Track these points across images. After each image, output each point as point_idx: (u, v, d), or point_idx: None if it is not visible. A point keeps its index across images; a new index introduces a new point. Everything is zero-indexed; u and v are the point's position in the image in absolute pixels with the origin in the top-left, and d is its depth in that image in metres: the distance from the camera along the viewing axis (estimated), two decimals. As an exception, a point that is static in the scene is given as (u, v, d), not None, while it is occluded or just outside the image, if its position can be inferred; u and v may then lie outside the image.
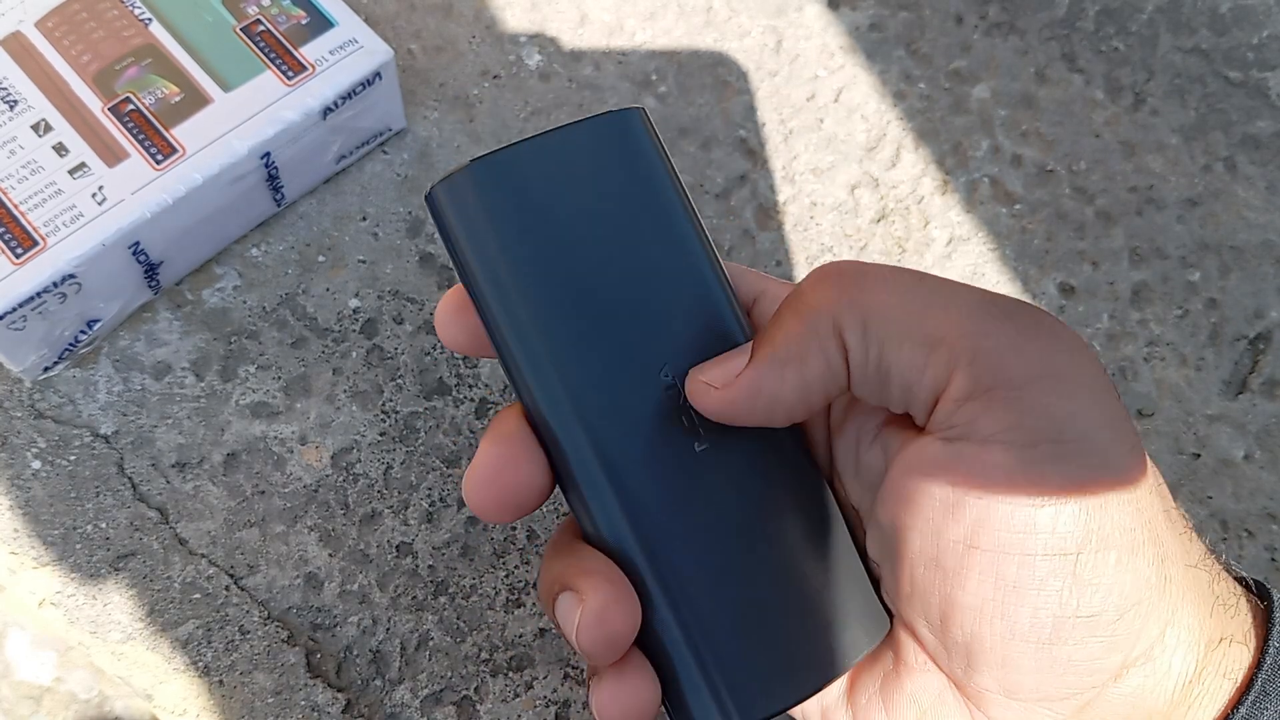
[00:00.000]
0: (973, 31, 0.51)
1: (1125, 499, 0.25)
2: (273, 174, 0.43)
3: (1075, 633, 0.25)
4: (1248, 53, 0.51)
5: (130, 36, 0.43)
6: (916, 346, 0.26)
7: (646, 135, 0.30)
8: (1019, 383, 0.25)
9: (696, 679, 0.27)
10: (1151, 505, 0.25)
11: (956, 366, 0.25)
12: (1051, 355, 0.25)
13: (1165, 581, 0.25)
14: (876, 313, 0.26)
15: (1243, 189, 0.48)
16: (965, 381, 0.25)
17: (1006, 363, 0.25)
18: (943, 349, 0.25)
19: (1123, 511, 0.25)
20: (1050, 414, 0.25)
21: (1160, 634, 0.25)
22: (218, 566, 0.40)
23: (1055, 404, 0.25)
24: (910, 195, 0.48)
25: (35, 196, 0.39)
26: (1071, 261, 0.47)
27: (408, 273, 0.44)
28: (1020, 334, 0.25)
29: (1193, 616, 0.26)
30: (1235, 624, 0.27)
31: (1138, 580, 0.25)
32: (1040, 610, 0.25)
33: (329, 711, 0.38)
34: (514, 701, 0.38)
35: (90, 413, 0.41)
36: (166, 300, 0.43)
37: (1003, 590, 0.25)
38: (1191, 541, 0.27)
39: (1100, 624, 0.25)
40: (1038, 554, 0.25)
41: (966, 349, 0.25)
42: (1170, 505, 0.26)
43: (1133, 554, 0.25)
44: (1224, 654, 0.26)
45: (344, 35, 0.43)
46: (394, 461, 0.41)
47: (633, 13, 0.50)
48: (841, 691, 0.31)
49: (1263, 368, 0.45)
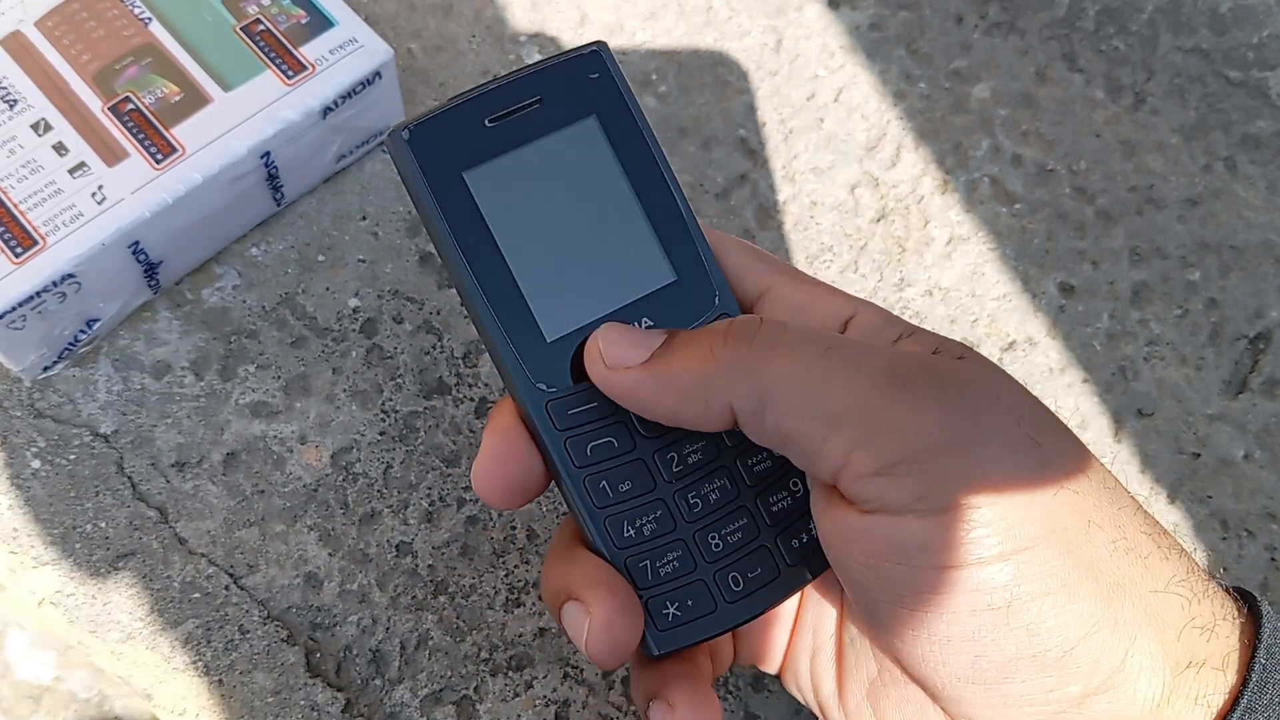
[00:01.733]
0: (973, 31, 0.51)
1: (1053, 546, 0.25)
2: (272, 173, 0.43)
3: (1022, 671, 0.26)
4: (1248, 52, 0.51)
5: (130, 36, 0.43)
6: (817, 424, 0.26)
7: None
8: (921, 455, 0.25)
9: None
10: (1091, 542, 0.25)
11: (857, 445, 0.26)
12: (955, 420, 0.26)
13: (1116, 613, 0.25)
14: (776, 387, 0.26)
15: (1243, 189, 0.48)
16: (868, 459, 0.26)
17: (907, 437, 0.25)
18: (844, 428, 0.26)
19: (1052, 557, 0.25)
20: (958, 480, 0.25)
21: (1120, 662, 0.25)
22: (217, 566, 0.40)
23: (962, 470, 0.25)
24: (910, 195, 0.48)
25: (35, 196, 0.39)
26: (1071, 261, 0.47)
27: (408, 272, 0.44)
28: (920, 403, 0.26)
29: (1154, 642, 0.26)
30: (1212, 647, 0.26)
31: (1080, 618, 0.25)
32: (980, 657, 0.26)
33: (329, 711, 0.38)
34: (514, 701, 0.38)
35: (90, 412, 0.41)
36: (166, 300, 0.43)
37: (937, 644, 0.26)
38: (1163, 563, 0.26)
39: (1047, 661, 0.25)
40: (964, 611, 0.25)
41: (867, 428, 0.26)
42: (1123, 535, 0.26)
43: (1070, 595, 0.25)
44: (1195, 678, 0.26)
45: (344, 35, 0.43)
46: (394, 461, 0.41)
47: (633, 12, 0.50)
48: (833, 690, 0.32)
49: (1263, 367, 0.45)
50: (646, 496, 0.30)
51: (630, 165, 0.30)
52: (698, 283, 0.30)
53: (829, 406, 0.26)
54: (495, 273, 0.29)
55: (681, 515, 0.30)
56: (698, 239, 0.30)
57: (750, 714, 0.39)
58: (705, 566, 0.30)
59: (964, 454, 0.25)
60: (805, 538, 0.30)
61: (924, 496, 0.25)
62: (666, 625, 0.29)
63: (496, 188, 0.29)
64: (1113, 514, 0.26)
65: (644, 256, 0.30)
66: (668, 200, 0.30)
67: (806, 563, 0.30)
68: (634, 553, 0.29)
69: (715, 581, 0.30)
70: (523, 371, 0.29)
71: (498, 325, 0.29)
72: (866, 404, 0.26)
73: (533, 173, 0.30)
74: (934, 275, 0.46)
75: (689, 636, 0.30)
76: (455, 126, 0.29)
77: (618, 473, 0.29)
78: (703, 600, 0.30)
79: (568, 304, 0.30)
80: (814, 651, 0.33)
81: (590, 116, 0.30)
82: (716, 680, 0.39)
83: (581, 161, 0.30)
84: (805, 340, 0.27)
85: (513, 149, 0.30)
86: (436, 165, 0.29)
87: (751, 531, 0.30)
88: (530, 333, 0.29)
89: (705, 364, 0.27)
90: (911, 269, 0.46)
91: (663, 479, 0.30)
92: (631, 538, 0.29)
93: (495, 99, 0.30)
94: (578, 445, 0.29)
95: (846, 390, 0.26)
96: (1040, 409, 0.27)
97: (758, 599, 0.30)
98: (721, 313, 0.30)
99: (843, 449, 0.26)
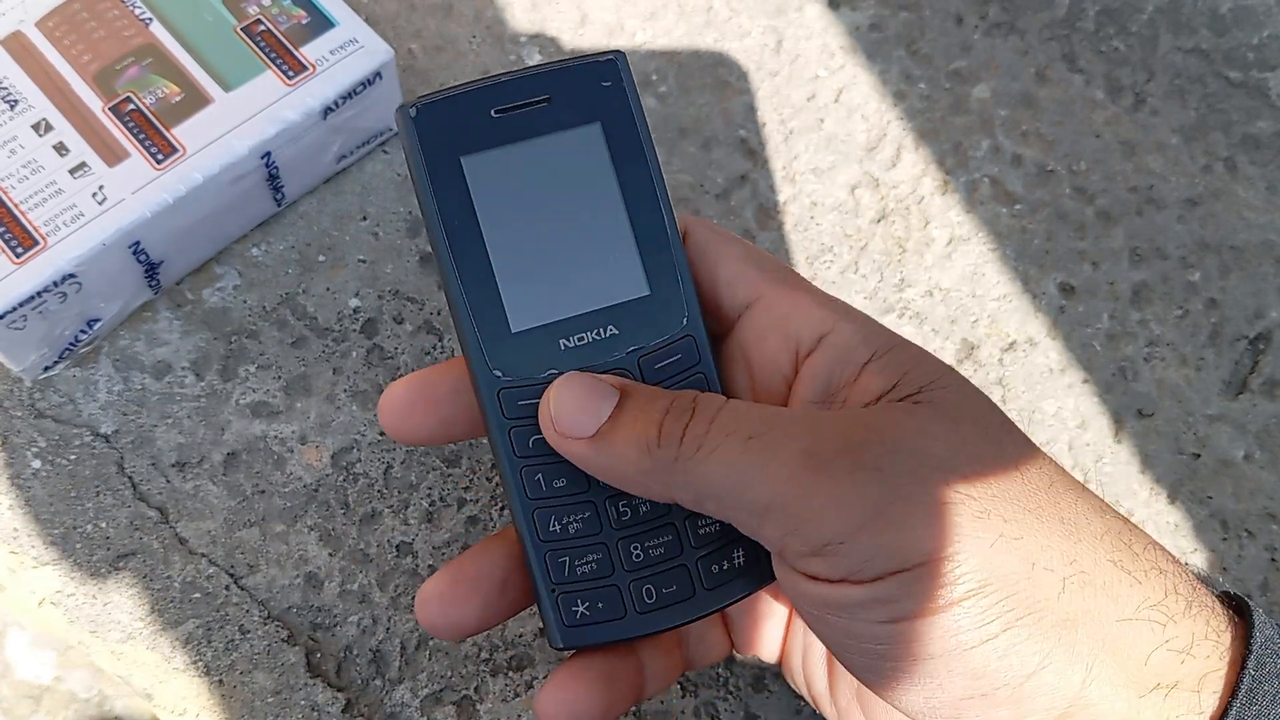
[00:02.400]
0: (973, 32, 0.51)
1: (991, 594, 0.25)
2: (273, 173, 0.43)
3: (975, 708, 0.26)
4: (1248, 53, 0.51)
5: (131, 36, 0.43)
6: (748, 515, 0.27)
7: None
8: (845, 536, 0.26)
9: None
10: (1035, 584, 0.26)
11: (786, 532, 0.27)
12: (873, 498, 0.26)
13: (1068, 646, 0.26)
14: (706, 485, 0.28)
15: (1243, 189, 0.48)
16: (799, 544, 0.27)
17: (829, 522, 0.26)
18: (771, 517, 0.27)
19: (990, 606, 0.25)
20: (887, 550, 0.26)
21: (1078, 691, 0.26)
22: (218, 566, 0.40)
23: (889, 540, 0.26)
24: (910, 195, 0.48)
25: (35, 196, 0.39)
26: (1072, 261, 0.47)
27: (408, 272, 0.44)
28: (838, 485, 0.26)
29: (1114, 669, 0.26)
30: (1186, 669, 0.26)
31: (1025, 657, 0.25)
32: (931, 699, 0.26)
33: (329, 711, 0.38)
34: (514, 701, 0.38)
35: (90, 412, 0.41)
36: (167, 300, 0.43)
37: (889, 682, 0.27)
38: (1130, 589, 0.26)
39: (1000, 699, 0.26)
40: (905, 660, 0.26)
41: (790, 518, 0.26)
42: (1079, 570, 0.26)
43: (1013, 637, 0.25)
44: (1163, 700, 0.26)
45: (344, 35, 0.43)
46: (394, 461, 0.41)
47: (633, 13, 0.50)
48: (825, 688, 0.33)
49: (1263, 368, 0.45)
50: (578, 497, 0.30)
51: (626, 177, 0.31)
52: (669, 301, 0.31)
53: (755, 499, 0.27)
54: (474, 257, 0.30)
55: (609, 521, 0.30)
56: (678, 260, 0.31)
57: (750, 714, 0.39)
58: (623, 574, 0.30)
59: (888, 527, 0.26)
60: (726, 565, 0.31)
61: (857, 570, 0.26)
62: (574, 622, 0.30)
63: (491, 176, 0.30)
64: (1065, 549, 0.26)
65: (622, 267, 0.31)
66: (656, 217, 0.31)
67: (724, 589, 0.31)
68: (555, 548, 0.30)
69: (629, 590, 0.30)
70: (482, 356, 0.30)
71: (466, 307, 0.30)
72: (787, 494, 0.27)
73: (529, 168, 0.30)
74: (934, 276, 0.46)
75: (593, 637, 0.30)
76: (462, 111, 0.30)
77: (555, 469, 0.30)
78: (614, 605, 0.30)
79: (538, 299, 0.30)
80: (805, 650, 0.34)
81: (595, 123, 0.31)
82: (716, 675, 0.39)
83: (578, 165, 0.31)
84: (728, 432, 0.28)
85: (514, 142, 0.30)
86: (436, 145, 0.30)
87: (674, 549, 0.31)
88: (496, 320, 0.30)
89: (643, 457, 0.28)
90: (912, 269, 0.46)
91: (597, 483, 0.30)
92: (556, 533, 0.30)
93: (505, 91, 0.30)
94: (521, 436, 0.30)
95: (767, 484, 0.27)
96: (985, 454, 0.27)
97: (667, 615, 0.31)
98: (687, 334, 0.31)
99: (776, 534, 0.27)
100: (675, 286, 0.31)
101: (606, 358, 0.30)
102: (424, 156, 0.30)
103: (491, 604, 0.32)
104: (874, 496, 0.26)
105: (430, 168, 0.30)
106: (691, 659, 0.35)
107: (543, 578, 0.30)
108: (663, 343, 0.31)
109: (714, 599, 0.31)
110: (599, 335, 0.30)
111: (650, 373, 0.31)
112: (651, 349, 0.31)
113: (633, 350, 0.31)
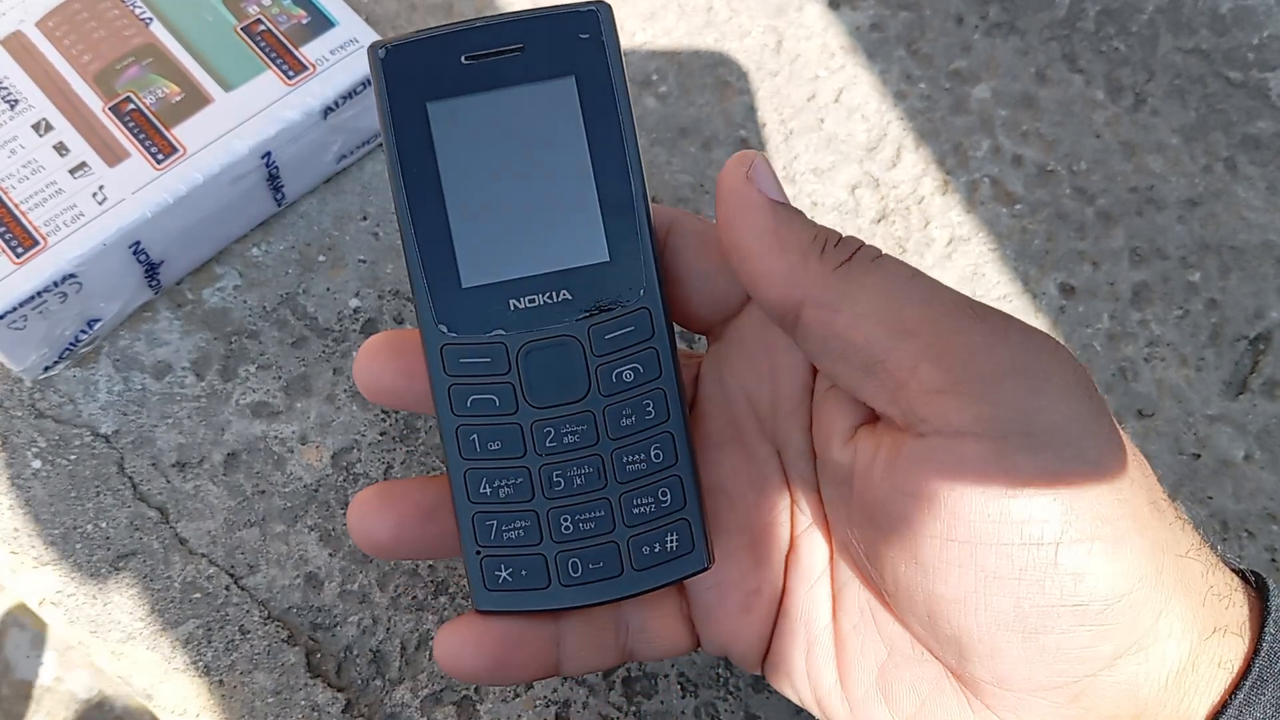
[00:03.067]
0: (973, 32, 0.51)
1: (1103, 490, 0.25)
2: (273, 173, 0.43)
3: (1061, 622, 0.25)
4: (1248, 53, 0.51)
5: (131, 36, 0.43)
6: (888, 332, 0.26)
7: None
8: (987, 379, 0.25)
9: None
10: (1135, 497, 0.26)
11: (925, 359, 0.26)
12: (1022, 355, 0.26)
13: (1157, 573, 0.25)
14: (859, 291, 0.27)
15: (1243, 189, 0.48)
16: (934, 374, 0.26)
17: (976, 359, 0.26)
18: (914, 340, 0.26)
19: (1102, 502, 0.25)
20: (1020, 407, 0.25)
21: (1153, 624, 0.25)
22: (218, 566, 0.40)
23: (1025, 399, 0.25)
24: (911, 195, 0.48)
25: (36, 196, 0.39)
26: (1072, 261, 0.47)
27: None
28: (992, 334, 0.26)
29: (1185, 606, 0.26)
30: (1230, 615, 0.27)
31: (1124, 571, 0.25)
32: (1023, 600, 0.25)
33: (329, 711, 0.38)
34: (514, 701, 0.38)
35: (90, 412, 0.41)
36: (167, 300, 0.43)
37: (983, 581, 0.26)
38: (1183, 532, 0.27)
39: (1088, 614, 0.25)
40: (1014, 543, 0.25)
41: (937, 343, 0.26)
42: (1158, 497, 0.26)
43: (1117, 544, 0.25)
44: (1219, 643, 0.26)
45: (345, 35, 0.43)
46: (394, 461, 0.41)
47: (633, 13, 0.50)
48: (835, 682, 0.31)
49: (1263, 368, 0.45)
50: (513, 462, 0.30)
51: (596, 136, 0.30)
52: (628, 270, 0.30)
53: (904, 317, 0.26)
54: (430, 207, 0.29)
55: (541, 489, 0.30)
56: (643, 227, 0.30)
57: (750, 714, 0.39)
58: (550, 544, 0.30)
59: (1028, 386, 0.25)
60: (658, 548, 0.30)
61: (984, 419, 0.25)
62: (495, 586, 0.30)
63: (454, 125, 0.29)
64: (1147, 474, 0.27)
65: (583, 230, 0.30)
66: (624, 181, 0.30)
67: (653, 571, 0.30)
68: (484, 510, 0.30)
69: (555, 561, 0.30)
70: (430, 309, 0.29)
71: (418, 259, 0.29)
72: (941, 322, 0.26)
73: (495, 119, 0.29)
74: (935, 275, 0.46)
75: (514, 603, 0.30)
76: (431, 55, 0.29)
77: (491, 431, 0.30)
78: (537, 575, 0.30)
79: (492, 256, 0.29)
80: (809, 647, 0.31)
81: (569, 76, 0.30)
82: (716, 675, 0.39)
83: (547, 120, 0.29)
84: (895, 264, 0.28)
85: (482, 91, 0.29)
86: (402, 89, 0.29)
87: (606, 525, 0.30)
88: (447, 274, 0.29)
89: (810, 249, 0.28)
90: (912, 269, 0.46)
91: (534, 449, 0.30)
92: (486, 495, 0.30)
93: (477, 37, 0.29)
94: (460, 394, 0.30)
95: (924, 306, 0.26)
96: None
97: (592, 590, 0.30)
98: (642, 306, 0.30)
99: (909, 361, 0.26)
100: (636, 255, 0.30)
101: (556, 323, 0.30)
102: (389, 100, 0.29)
103: (410, 528, 0.31)
104: (1022, 355, 0.26)
105: (394, 111, 0.29)
106: (633, 649, 0.33)
107: (469, 538, 0.30)
108: (617, 313, 0.30)
109: (641, 580, 0.30)
110: (551, 299, 0.30)
111: (599, 342, 0.30)
112: (604, 318, 0.30)
113: (584, 317, 0.30)
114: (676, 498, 0.30)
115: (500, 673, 0.31)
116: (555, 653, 0.32)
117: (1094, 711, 0.26)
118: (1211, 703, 0.26)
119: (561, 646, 0.32)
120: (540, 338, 0.30)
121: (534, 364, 0.30)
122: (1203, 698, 0.26)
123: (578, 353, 0.30)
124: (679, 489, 0.30)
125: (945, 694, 0.29)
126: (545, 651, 0.31)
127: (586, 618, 0.32)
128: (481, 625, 0.31)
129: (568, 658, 0.32)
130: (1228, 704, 0.26)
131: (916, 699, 0.29)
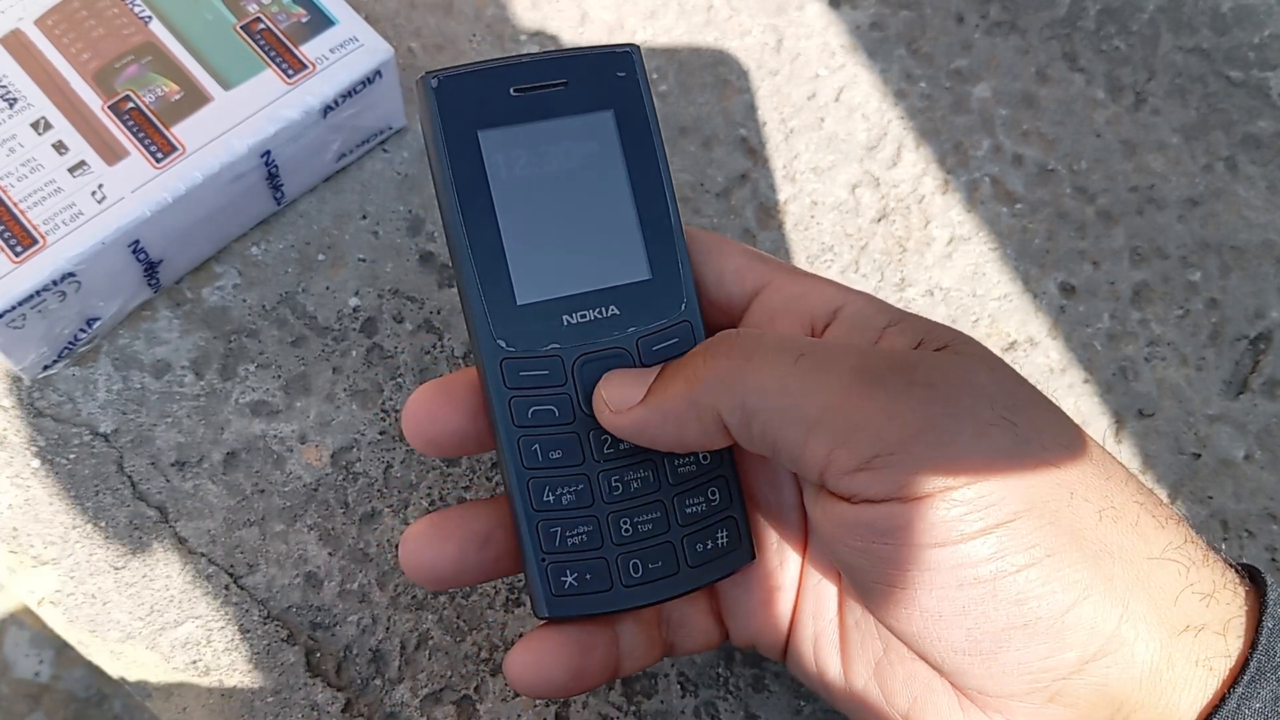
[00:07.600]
0: (974, 31, 0.51)
1: (1034, 518, 0.26)
2: (273, 172, 0.43)
3: (1015, 641, 0.26)
4: (1249, 52, 0.51)
5: (130, 34, 0.43)
6: (796, 429, 0.27)
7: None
8: (895, 447, 0.26)
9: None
10: (1074, 512, 0.26)
11: (835, 445, 0.27)
12: (924, 409, 0.27)
13: (1108, 580, 0.26)
14: (755, 395, 0.28)
15: (1243, 189, 0.48)
16: (847, 457, 0.27)
17: (881, 432, 0.26)
18: (821, 430, 0.27)
19: (1034, 529, 0.26)
20: (934, 465, 0.26)
21: (1115, 628, 0.26)
22: (217, 565, 0.40)
23: (937, 455, 0.26)
24: (911, 194, 0.48)
25: (35, 195, 0.39)
26: (1072, 261, 0.47)
27: (408, 271, 0.44)
28: (891, 398, 0.27)
29: (1148, 608, 0.26)
30: (1212, 612, 0.27)
31: (1064, 586, 0.26)
32: (973, 630, 0.27)
33: (328, 711, 0.38)
34: (514, 701, 0.38)
35: (90, 411, 0.41)
36: (166, 299, 0.43)
37: (929, 619, 0.27)
38: (1157, 531, 0.27)
39: (1038, 630, 0.26)
40: (952, 586, 0.26)
41: (842, 428, 0.27)
42: (1111, 504, 0.27)
43: (1056, 564, 0.26)
44: (1194, 641, 0.27)
45: (344, 33, 0.43)
46: (394, 460, 0.41)
47: (633, 11, 0.50)
48: (839, 673, 0.33)
49: (1263, 368, 0.45)
50: (573, 469, 0.31)
51: (634, 165, 0.32)
52: (669, 287, 0.32)
53: (805, 411, 0.27)
54: (485, 228, 0.31)
55: (601, 494, 0.31)
56: (679, 248, 0.32)
57: (750, 714, 0.39)
58: (611, 547, 0.31)
59: (937, 441, 0.26)
60: (710, 544, 0.32)
61: (904, 485, 0.26)
62: (561, 592, 0.31)
63: (505, 152, 0.31)
64: (1099, 485, 0.27)
65: (626, 250, 0.32)
66: (661, 206, 0.32)
67: (707, 568, 0.32)
68: (547, 518, 0.31)
69: (617, 563, 0.31)
70: (487, 325, 0.31)
71: (475, 277, 0.31)
72: (839, 405, 0.27)
73: (542, 147, 0.31)
74: (935, 275, 0.46)
75: (579, 608, 0.31)
76: (481, 86, 0.31)
77: (551, 440, 0.31)
78: (601, 578, 0.31)
79: (544, 274, 0.31)
80: (816, 637, 0.33)
81: (609, 110, 0.32)
82: (716, 674, 0.39)
83: (590, 148, 0.32)
84: (779, 350, 0.28)
85: (530, 121, 0.31)
86: (455, 117, 0.31)
87: (662, 526, 0.32)
88: (503, 291, 0.31)
89: (692, 384, 0.29)
90: (912, 269, 0.46)
91: (592, 456, 0.31)
92: (549, 503, 0.31)
93: (525, 71, 0.32)
94: (521, 406, 0.31)
95: (820, 394, 0.27)
96: (1020, 391, 0.28)
97: (652, 589, 0.32)
98: (684, 320, 0.32)
99: (823, 450, 0.27)
100: (675, 273, 0.32)
101: (607, 336, 0.31)
102: (442, 127, 0.31)
103: (469, 555, 0.32)
104: (925, 410, 0.26)
105: (448, 138, 0.31)
106: (673, 643, 0.35)
107: (534, 547, 0.31)
108: (662, 325, 0.32)
109: (696, 577, 0.32)
110: (601, 314, 0.31)
111: (648, 354, 0.32)
112: (651, 331, 0.32)
113: (632, 330, 0.31)
114: (724, 497, 0.32)
115: (576, 681, 0.32)
116: (618, 654, 0.33)
117: (1073, 709, 0.27)
118: (1197, 699, 0.27)
119: (619, 647, 0.33)
120: (594, 350, 0.31)
121: (589, 375, 0.31)
122: (1185, 694, 0.27)
123: (629, 364, 0.32)
124: (725, 488, 0.32)
125: (936, 692, 0.30)
126: (612, 654, 0.33)
127: (638, 617, 0.33)
128: (552, 638, 0.32)
129: (624, 657, 0.33)
130: (1225, 699, 0.26)
131: (910, 695, 0.31)
